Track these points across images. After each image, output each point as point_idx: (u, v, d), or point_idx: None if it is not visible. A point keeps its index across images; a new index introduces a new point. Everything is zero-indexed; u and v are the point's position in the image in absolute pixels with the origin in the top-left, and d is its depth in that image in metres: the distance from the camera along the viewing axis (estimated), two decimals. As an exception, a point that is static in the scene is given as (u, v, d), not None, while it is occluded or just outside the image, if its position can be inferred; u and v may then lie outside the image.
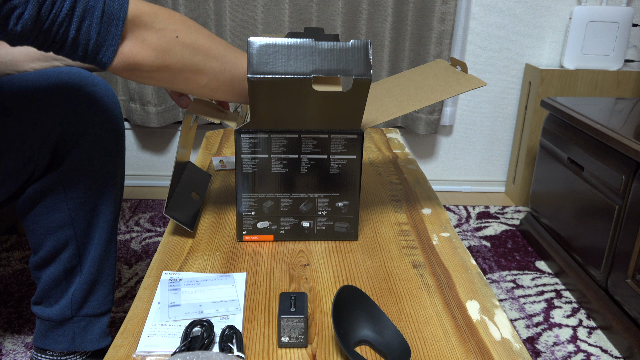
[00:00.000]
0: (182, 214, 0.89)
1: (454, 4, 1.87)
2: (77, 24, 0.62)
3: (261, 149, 0.82)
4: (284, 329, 0.65)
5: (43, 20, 0.60)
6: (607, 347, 1.30)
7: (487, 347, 0.66)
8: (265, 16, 1.89)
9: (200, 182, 1.03)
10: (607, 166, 1.33)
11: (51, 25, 0.61)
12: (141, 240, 1.73)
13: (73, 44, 0.63)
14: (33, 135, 0.85)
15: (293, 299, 0.67)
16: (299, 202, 0.87)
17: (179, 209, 0.89)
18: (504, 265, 1.65)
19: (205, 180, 1.06)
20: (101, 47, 0.64)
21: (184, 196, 0.93)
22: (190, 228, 0.88)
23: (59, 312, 0.96)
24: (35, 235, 0.93)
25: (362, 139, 0.83)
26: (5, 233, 1.73)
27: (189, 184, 0.98)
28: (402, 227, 0.96)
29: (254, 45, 0.75)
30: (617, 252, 1.30)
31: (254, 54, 0.74)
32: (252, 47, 0.74)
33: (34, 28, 0.60)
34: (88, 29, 0.63)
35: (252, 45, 0.75)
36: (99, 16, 0.63)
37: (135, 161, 2.18)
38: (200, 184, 1.03)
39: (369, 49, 0.76)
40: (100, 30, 0.64)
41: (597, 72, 1.92)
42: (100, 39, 0.64)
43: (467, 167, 2.22)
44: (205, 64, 0.72)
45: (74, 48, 0.64)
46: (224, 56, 0.74)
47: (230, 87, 0.76)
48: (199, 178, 1.04)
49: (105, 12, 0.63)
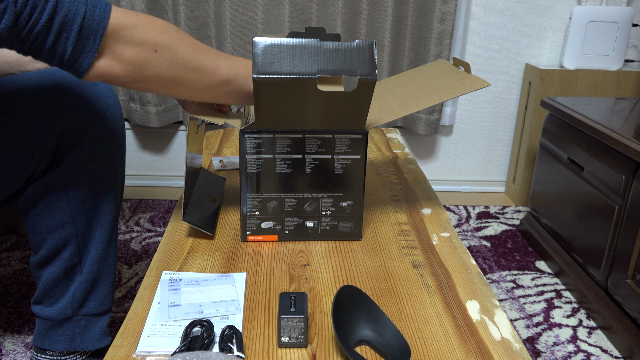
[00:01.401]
0: (200, 219, 0.89)
1: (454, 4, 1.87)
2: (54, 35, 0.62)
3: (265, 149, 0.82)
4: (284, 329, 0.65)
5: (20, 30, 0.60)
6: (607, 347, 1.30)
7: (487, 347, 0.66)
8: (265, 16, 1.89)
9: (216, 187, 1.04)
10: (607, 166, 1.33)
11: (28, 35, 0.61)
12: (141, 240, 1.73)
13: (49, 53, 0.64)
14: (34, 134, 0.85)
15: (293, 299, 0.67)
16: (303, 202, 0.87)
17: (196, 214, 0.89)
18: (504, 265, 1.65)
19: (220, 184, 1.06)
20: (77, 59, 0.65)
21: (200, 202, 0.93)
22: (210, 232, 0.89)
23: (59, 312, 0.96)
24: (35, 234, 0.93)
25: (366, 139, 0.83)
26: (5, 233, 1.73)
27: (204, 189, 0.98)
28: (402, 227, 0.96)
29: (259, 46, 0.74)
30: (617, 252, 1.30)
31: (259, 54, 0.74)
32: (257, 47, 0.74)
33: (10, 36, 0.60)
34: (65, 42, 0.63)
35: (257, 45, 0.74)
36: (77, 29, 0.63)
37: (135, 161, 2.18)
38: (216, 189, 1.03)
39: (374, 48, 0.76)
40: (77, 43, 0.63)
41: (597, 72, 1.92)
42: (76, 52, 0.64)
43: (467, 167, 2.22)
44: (183, 76, 0.72)
45: (49, 57, 0.64)
46: (203, 67, 0.74)
47: (210, 93, 0.77)
48: (214, 183, 1.04)
49: (83, 27, 0.63)
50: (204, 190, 0.98)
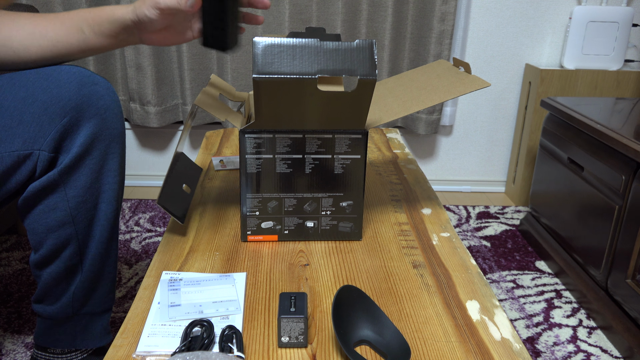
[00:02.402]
0: (174, 206, 0.89)
1: (454, 4, 1.87)
2: None
3: (265, 149, 0.82)
4: (284, 329, 0.65)
5: None
6: (607, 347, 1.30)
7: (487, 347, 0.66)
8: (265, 16, 1.89)
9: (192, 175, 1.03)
10: (607, 166, 1.33)
11: None
12: (141, 240, 1.73)
13: None
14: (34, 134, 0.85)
15: (293, 299, 0.67)
16: (303, 202, 0.87)
17: (171, 200, 0.89)
18: (504, 265, 1.65)
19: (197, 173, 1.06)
20: None
21: (176, 188, 0.93)
22: (181, 221, 0.88)
23: (60, 310, 0.96)
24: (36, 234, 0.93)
25: (366, 139, 0.83)
26: (5, 233, 1.73)
27: (181, 176, 0.98)
28: (402, 227, 0.96)
29: (259, 45, 0.74)
30: (617, 252, 1.30)
31: (259, 54, 0.74)
32: (257, 47, 0.74)
33: None
34: None
35: (257, 45, 0.74)
36: None
37: (135, 161, 2.18)
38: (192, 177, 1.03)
39: (374, 48, 0.76)
40: None
41: (597, 72, 1.92)
42: None
43: (467, 167, 2.22)
44: None
45: None
46: None
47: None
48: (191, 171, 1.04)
49: None
50: (181, 177, 0.97)
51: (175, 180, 0.94)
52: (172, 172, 0.91)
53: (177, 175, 0.96)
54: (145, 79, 1.93)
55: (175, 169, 0.95)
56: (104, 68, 1.99)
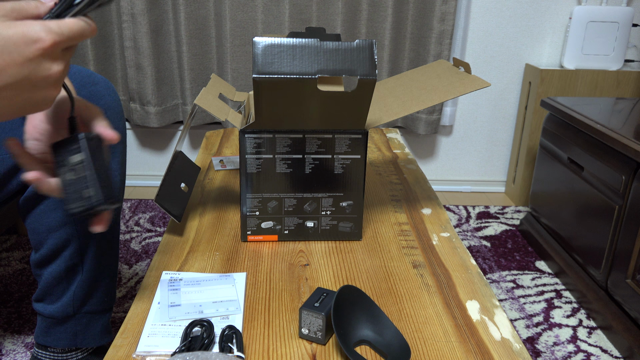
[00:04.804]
0: (172, 204, 0.89)
1: (454, 4, 1.87)
2: None
3: (265, 149, 0.82)
4: (304, 321, 0.66)
5: None
6: (607, 347, 1.30)
7: (487, 347, 0.66)
8: (265, 16, 1.89)
9: (191, 174, 1.03)
10: (607, 166, 1.33)
11: None
12: (141, 240, 1.73)
13: None
14: (34, 134, 0.85)
15: (324, 296, 0.68)
16: (303, 202, 0.87)
17: (169, 199, 0.89)
18: (504, 265, 1.65)
19: (195, 172, 1.06)
20: None
21: (174, 187, 0.93)
22: (178, 220, 0.88)
23: (61, 310, 0.96)
24: (36, 234, 0.93)
25: (366, 138, 0.83)
26: (5, 233, 1.73)
27: (180, 174, 0.98)
28: (402, 227, 0.96)
29: (259, 45, 0.75)
30: (617, 252, 1.30)
31: (259, 54, 0.74)
32: (257, 47, 0.74)
33: None
34: None
35: (257, 45, 0.75)
36: None
37: (135, 161, 2.18)
38: (190, 176, 1.03)
39: (374, 48, 0.76)
40: None
41: (597, 72, 1.92)
42: None
43: (467, 167, 2.22)
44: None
45: None
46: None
47: None
48: (189, 170, 1.04)
49: None
50: (180, 176, 0.97)
51: (174, 179, 0.94)
52: (170, 170, 0.91)
53: (176, 174, 0.96)
54: (145, 79, 1.93)
55: (173, 168, 0.95)
56: (104, 68, 1.99)
